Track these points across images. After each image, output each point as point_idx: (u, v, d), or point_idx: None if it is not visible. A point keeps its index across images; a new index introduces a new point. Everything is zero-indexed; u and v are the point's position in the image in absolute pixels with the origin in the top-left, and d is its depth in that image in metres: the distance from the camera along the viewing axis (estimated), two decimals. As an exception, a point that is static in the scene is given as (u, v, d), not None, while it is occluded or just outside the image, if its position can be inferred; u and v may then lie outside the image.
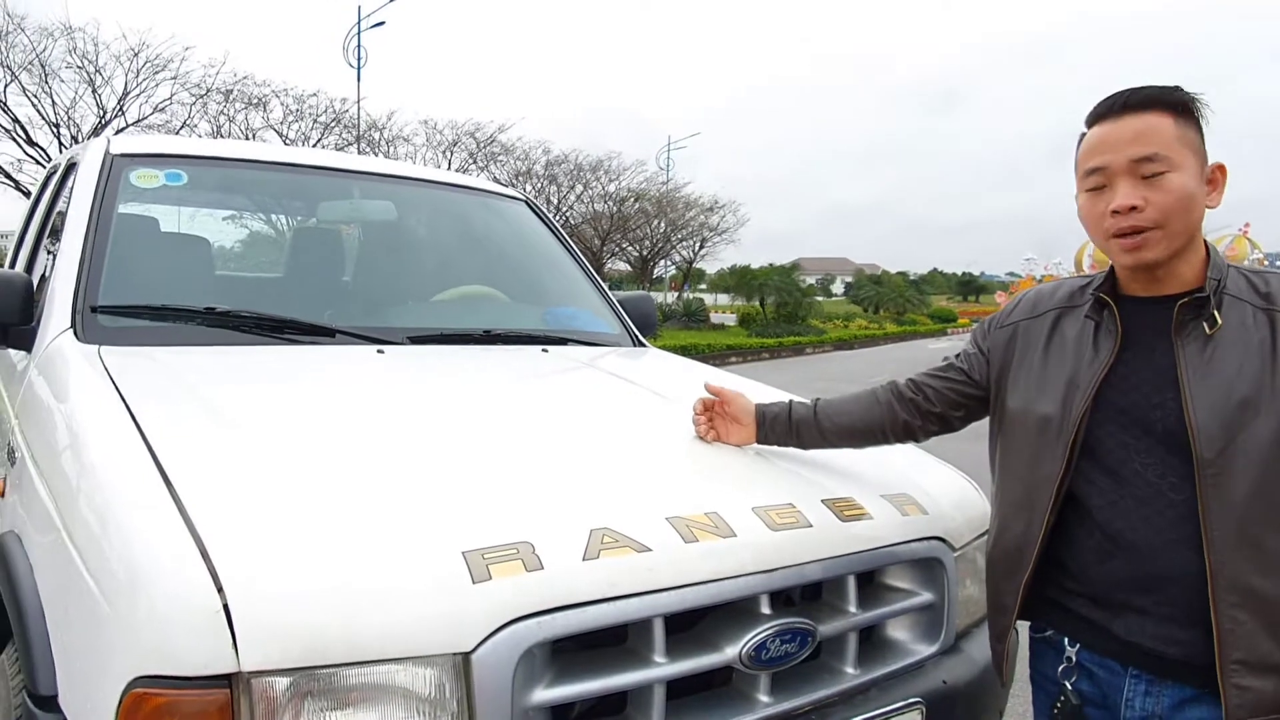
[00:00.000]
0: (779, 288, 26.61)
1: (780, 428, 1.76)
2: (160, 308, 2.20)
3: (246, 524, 1.23)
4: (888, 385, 1.69)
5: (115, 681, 1.10)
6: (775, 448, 1.79)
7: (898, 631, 1.73)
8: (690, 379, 2.52)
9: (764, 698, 1.44)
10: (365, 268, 2.94)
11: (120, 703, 1.08)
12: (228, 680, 1.07)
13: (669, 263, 34.89)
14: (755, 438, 1.79)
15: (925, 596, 1.69)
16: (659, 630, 1.32)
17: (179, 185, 2.58)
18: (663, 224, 30.52)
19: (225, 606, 1.09)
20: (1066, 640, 1.42)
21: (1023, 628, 1.53)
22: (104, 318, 2.12)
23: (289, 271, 3.11)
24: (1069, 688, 1.41)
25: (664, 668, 1.32)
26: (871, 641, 1.68)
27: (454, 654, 1.16)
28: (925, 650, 1.69)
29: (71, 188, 2.55)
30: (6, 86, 15.83)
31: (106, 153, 2.54)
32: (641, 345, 2.99)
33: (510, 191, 3.44)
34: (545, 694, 1.23)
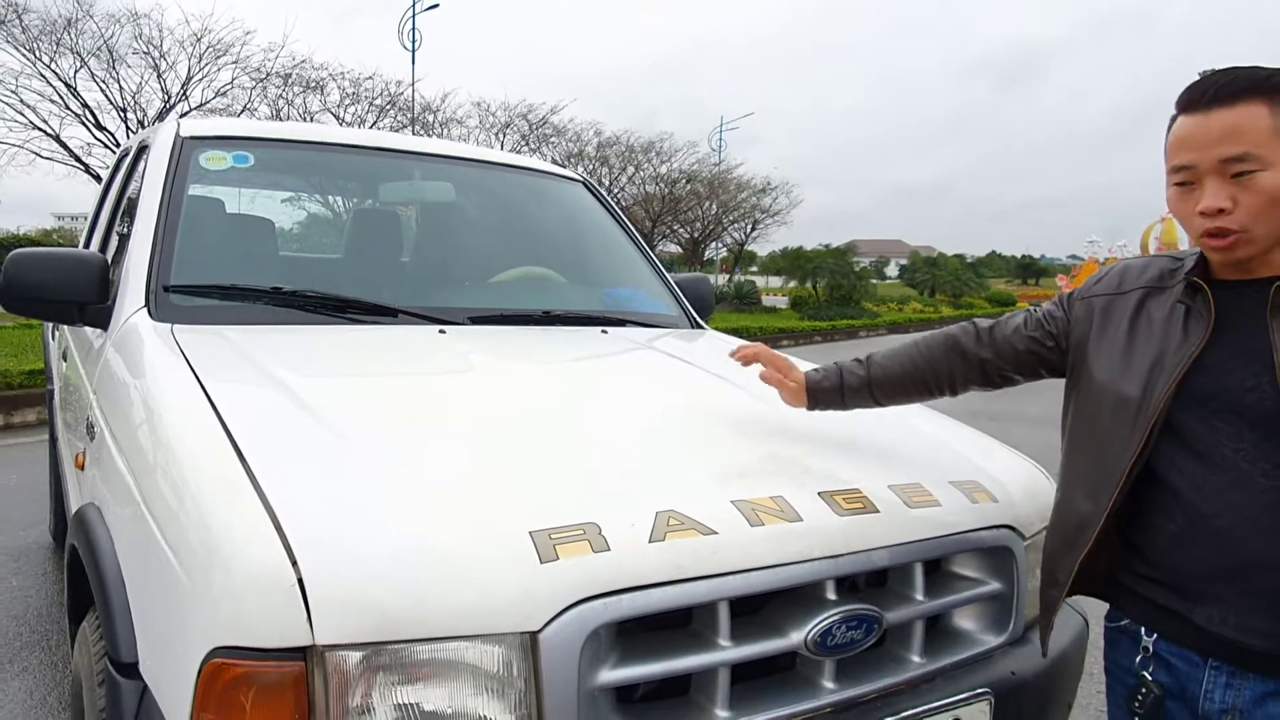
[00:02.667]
0: (832, 270, 26.28)
1: (829, 398, 1.76)
2: (229, 287, 2.24)
3: (320, 500, 1.25)
4: (951, 339, 1.65)
5: (195, 652, 1.12)
6: (842, 430, 1.77)
7: (964, 621, 1.69)
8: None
9: (829, 684, 1.43)
10: (425, 248, 2.97)
11: (200, 672, 1.11)
12: (302, 653, 1.09)
13: (720, 245, 34.67)
14: (805, 403, 1.78)
15: (994, 586, 1.66)
16: (724, 614, 1.32)
17: (245, 167, 2.63)
18: (714, 205, 30.31)
19: (300, 580, 1.10)
20: (1144, 630, 1.38)
21: (1095, 618, 1.49)
22: (176, 297, 2.17)
23: (349, 252, 3.15)
24: (1149, 678, 1.37)
25: (729, 651, 1.31)
26: (937, 630, 1.65)
27: (521, 633, 1.16)
28: (993, 640, 1.66)
29: (143, 170, 2.61)
30: (76, 73, 16.28)
31: (177, 135, 2.59)
32: (699, 327, 2.98)
33: (568, 172, 3.44)
34: (610, 675, 1.23)
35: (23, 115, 15.96)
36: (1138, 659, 1.39)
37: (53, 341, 3.78)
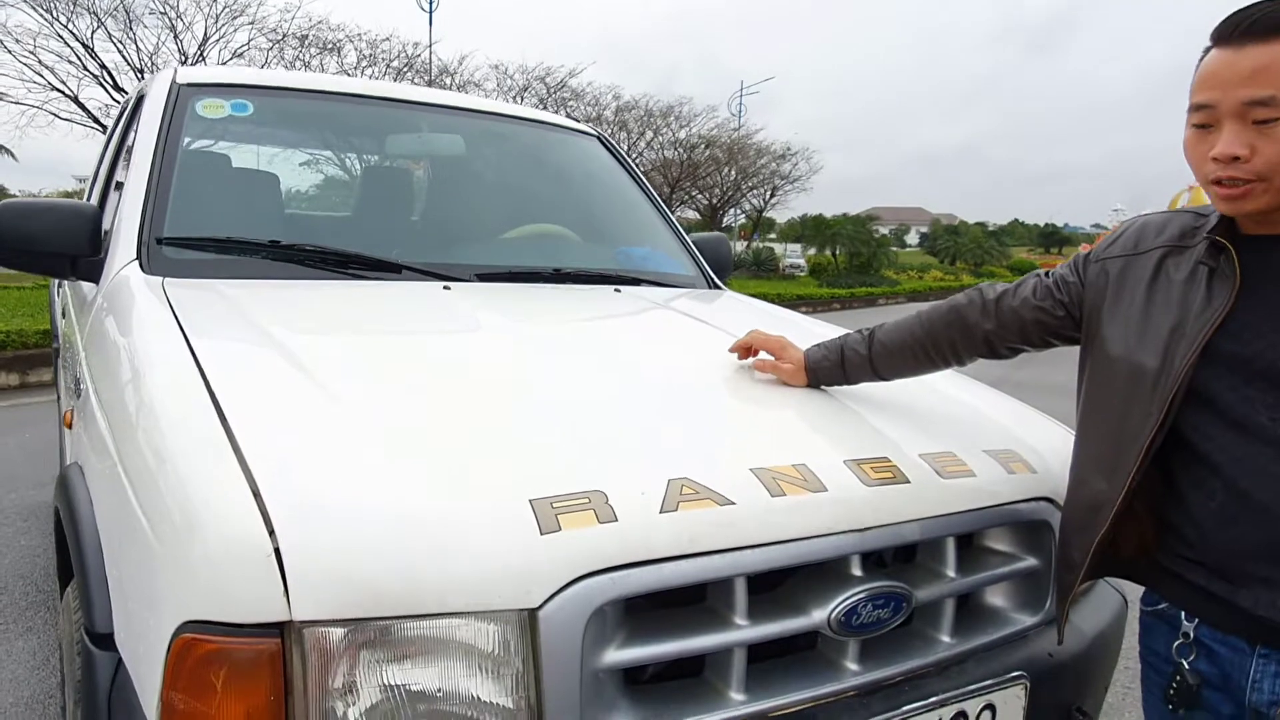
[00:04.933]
0: (852, 237, 26.00)
1: (830, 375, 1.68)
2: (225, 240, 2.14)
3: (304, 466, 1.15)
4: (954, 311, 1.54)
5: (166, 625, 1.03)
6: (870, 396, 1.66)
7: (997, 599, 1.59)
8: (769, 323, 2.38)
9: (852, 666, 1.33)
10: (432, 204, 2.85)
11: (169, 647, 1.02)
12: (279, 629, 1.00)
13: (738, 211, 34.32)
14: (805, 382, 1.70)
15: (1030, 562, 1.55)
16: (741, 590, 1.21)
17: (245, 115, 2.51)
18: (733, 171, 29.97)
19: (277, 551, 1.01)
20: (1183, 615, 1.27)
21: (1134, 600, 1.38)
22: (169, 250, 2.07)
23: (357, 211, 3.05)
24: (1186, 667, 1.26)
25: (746, 631, 1.21)
26: (968, 609, 1.55)
27: (519, 610, 1.07)
28: (1028, 620, 1.55)
29: (140, 118, 2.50)
30: (93, 33, 16.13)
31: (173, 82, 2.48)
32: (717, 288, 2.86)
33: (582, 126, 3.30)
34: (617, 655, 1.13)
35: (41, 77, 15.89)
36: (1176, 645, 1.28)
37: (57, 299, 3.71)
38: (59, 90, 16.18)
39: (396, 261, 2.21)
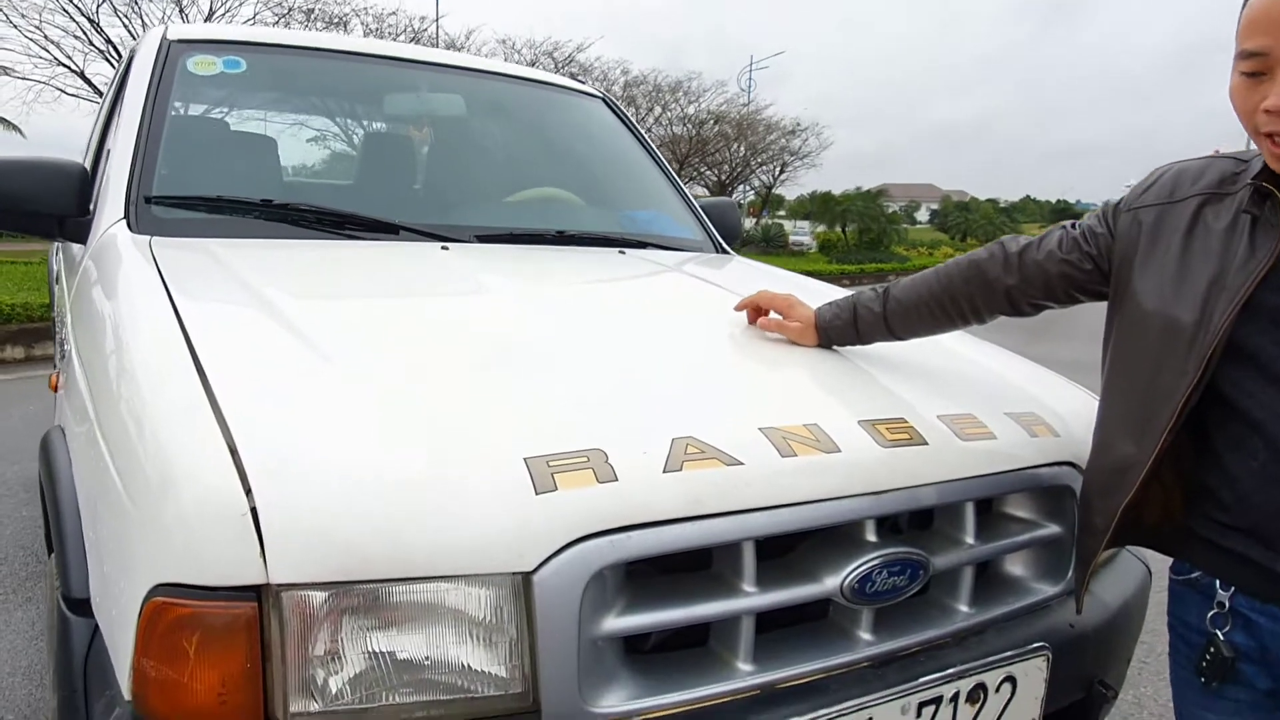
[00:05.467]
0: (862, 213, 25.78)
1: (843, 334, 1.61)
2: (216, 199, 2.07)
3: (286, 424, 1.09)
4: (974, 266, 1.46)
5: (138, 588, 0.97)
6: (886, 356, 1.58)
7: (1016, 568, 1.52)
8: (779, 286, 2.30)
9: (866, 635, 1.26)
10: (431, 165, 2.76)
11: (141, 611, 0.96)
12: (255, 593, 0.93)
13: (747, 188, 34.05)
14: (815, 342, 1.63)
15: (1052, 529, 1.48)
16: (749, 555, 1.15)
17: (237, 73, 2.43)
18: (742, 148, 29.70)
19: (253, 511, 0.94)
20: (1218, 583, 1.20)
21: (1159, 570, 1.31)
22: (158, 209, 2.00)
23: (353, 172, 2.97)
24: (1220, 638, 1.19)
25: (754, 598, 1.15)
26: (987, 578, 1.48)
27: (513, 574, 1.00)
28: (1049, 590, 1.48)
29: (130, 76, 2.43)
30: (99, 7, 15.99)
31: (163, 38, 2.40)
32: (725, 253, 2.78)
33: (587, 88, 3.21)
34: (617, 622, 1.07)
35: (47, 51, 15.78)
36: (1210, 615, 1.21)
37: (54, 265, 3.65)
38: (65, 65, 16.09)
39: (393, 221, 2.14)
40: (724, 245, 2.83)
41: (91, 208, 2.10)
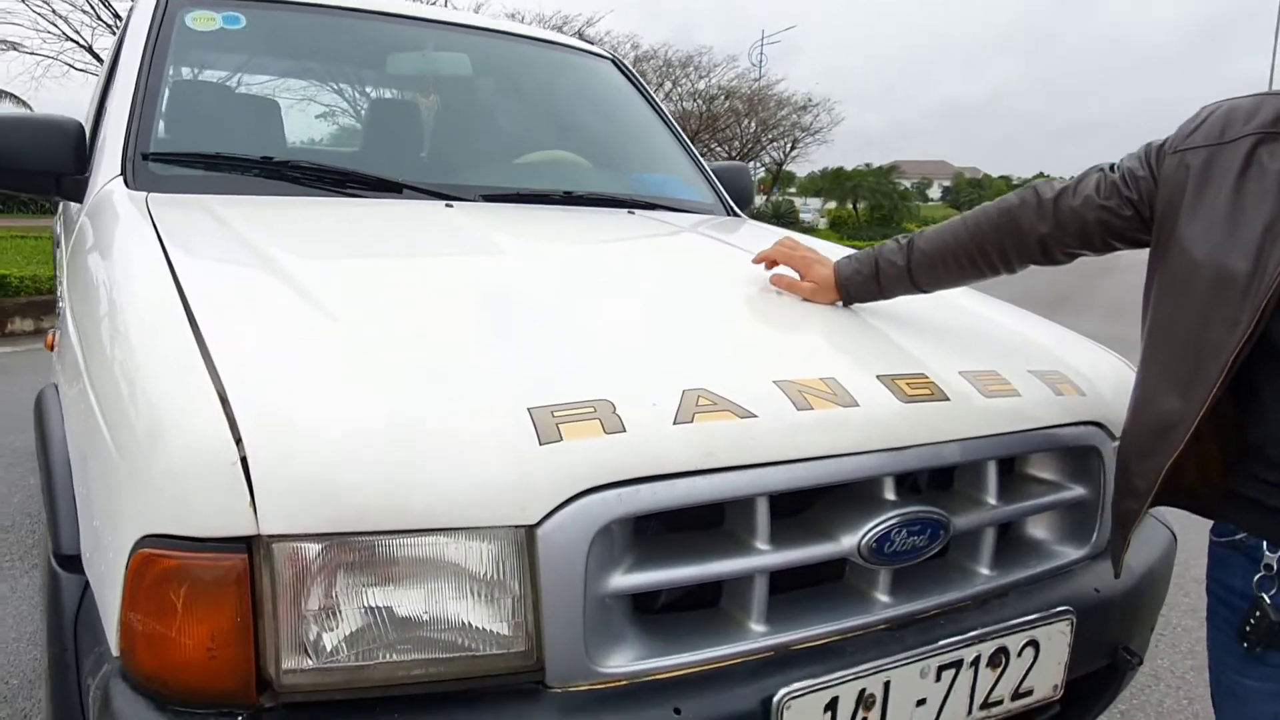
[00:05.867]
0: (874, 189, 25.56)
1: (865, 290, 1.54)
2: (214, 156, 2.02)
3: (279, 374, 1.04)
4: (1005, 212, 1.39)
5: (125, 540, 0.93)
6: (907, 313, 1.53)
7: (1039, 530, 1.47)
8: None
9: (883, 597, 1.21)
10: (437, 126, 2.70)
11: (128, 563, 0.92)
12: (246, 544, 0.89)
13: (758, 165, 33.78)
14: (835, 299, 1.57)
15: (1077, 491, 1.42)
16: (763, 512, 1.10)
17: (237, 29, 2.37)
18: (753, 124, 29.40)
19: (244, 460, 0.90)
20: (1265, 545, 1.14)
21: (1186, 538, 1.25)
22: (156, 165, 1.96)
23: (360, 135, 2.91)
24: (1268, 601, 1.14)
25: (767, 556, 1.10)
26: (1008, 541, 1.43)
27: (515, 527, 0.95)
28: (1073, 553, 1.43)
29: (128, 32, 2.37)
30: (105, -21, 15.89)
31: (162, -7, 2.33)
32: (737, 216, 2.71)
33: (595, 49, 3.14)
34: (624, 580, 1.02)
35: (55, 27, 15.69)
36: (1256, 579, 1.15)
37: (58, 230, 3.61)
38: (73, 40, 16.00)
39: (396, 179, 2.08)
40: (735, 209, 2.76)
41: (89, 166, 2.06)
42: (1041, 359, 1.51)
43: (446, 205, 1.99)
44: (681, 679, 1.03)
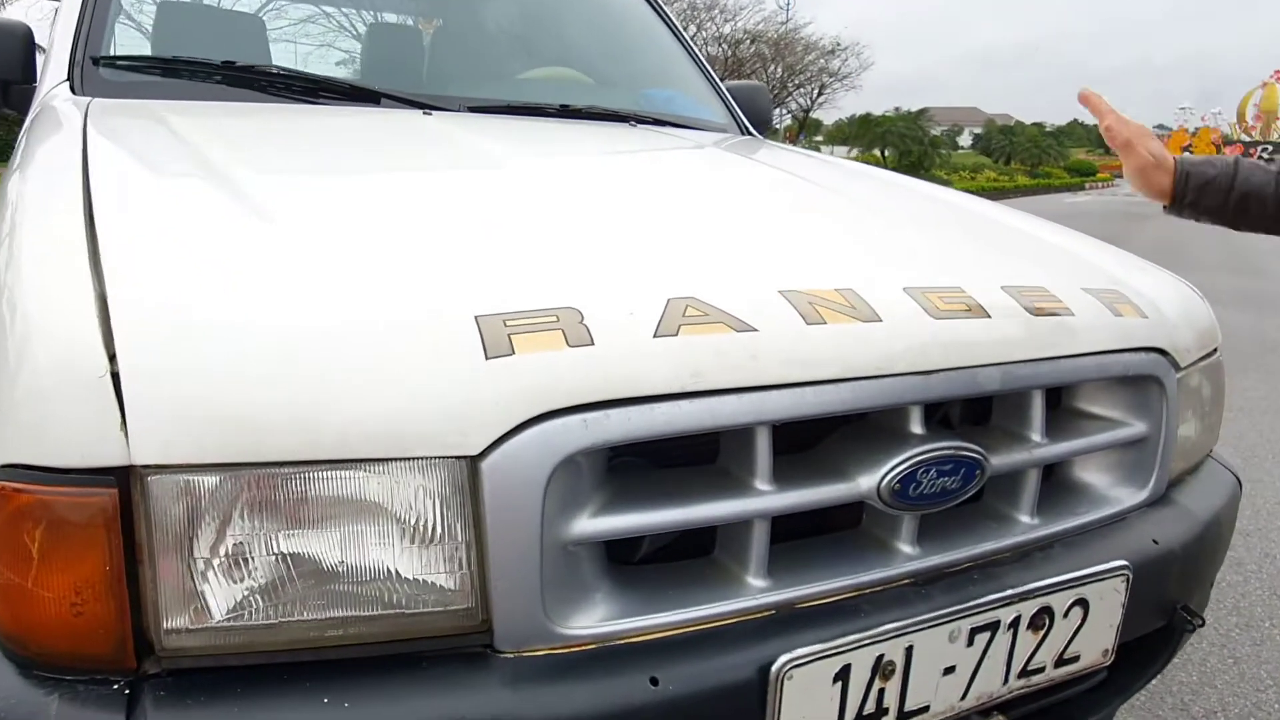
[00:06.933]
0: (903, 135, 24.91)
1: (1210, 195, 1.28)
2: (172, 59, 1.83)
3: (179, 273, 0.86)
4: None
5: (-16, 472, 0.76)
6: (940, 223, 1.32)
7: (1090, 473, 1.27)
8: (813, 163, 2.03)
9: (907, 548, 1.03)
10: (433, 41, 2.49)
11: (-16, 500, 0.75)
12: (117, 477, 0.72)
13: (784, 111, 33.06)
14: (1170, 194, 1.32)
15: (1136, 427, 1.22)
16: (764, 444, 0.91)
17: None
18: (779, 69, 28.73)
19: (114, 374, 0.73)
20: None
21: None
22: (107, 71, 1.77)
23: (351, 57, 2.71)
24: None
25: (769, 498, 0.92)
26: (1053, 485, 1.24)
27: (455, 458, 0.78)
28: (1128, 500, 1.24)
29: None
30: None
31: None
32: (753, 136, 2.49)
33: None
34: (592, 524, 0.85)
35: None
36: None
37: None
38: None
39: (373, 88, 1.89)
40: (751, 130, 2.54)
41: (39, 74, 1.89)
42: (1097, 277, 1.30)
43: (425, 113, 1.80)
44: (661, 642, 0.86)
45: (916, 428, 1.01)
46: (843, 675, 0.90)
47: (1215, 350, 1.41)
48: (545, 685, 0.80)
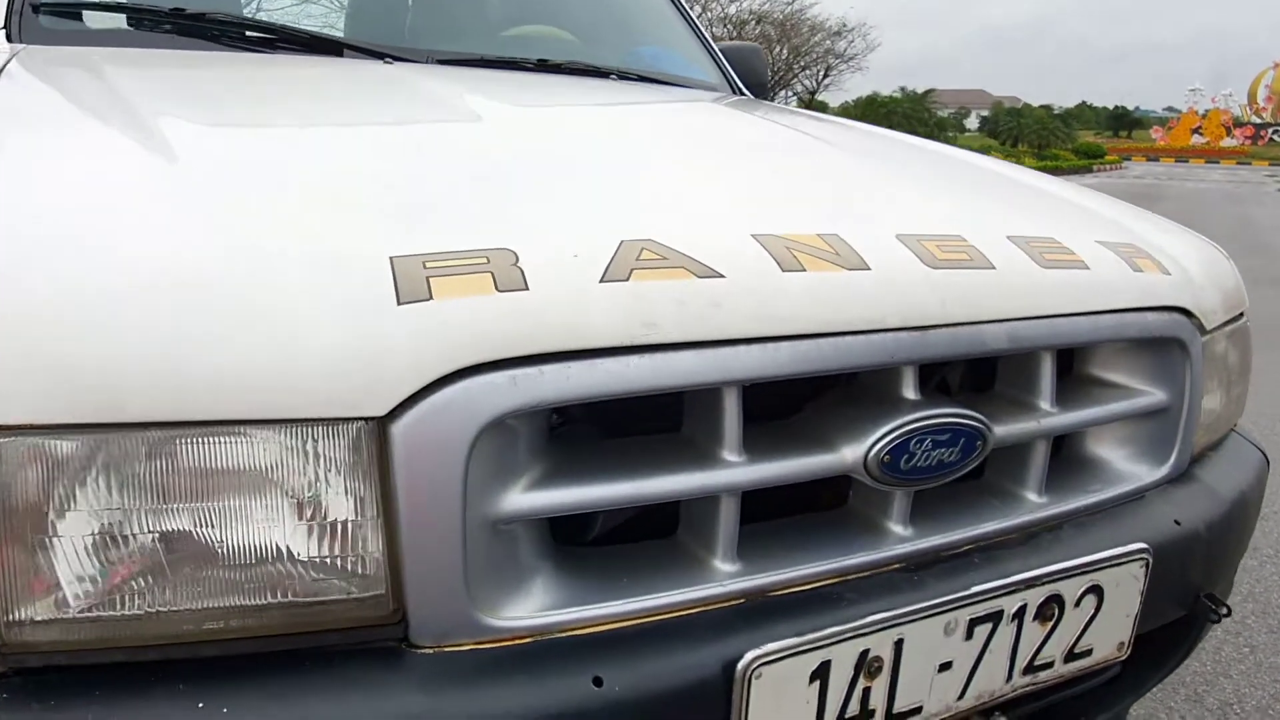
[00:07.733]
0: (908, 115, 24.69)
1: None
2: (115, 5, 1.71)
3: (49, 213, 0.74)
4: None
5: None
6: (945, 175, 1.20)
7: (1104, 447, 1.15)
8: (806, 117, 1.90)
9: (898, 528, 0.91)
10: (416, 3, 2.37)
11: None
12: (-54, 440, 0.60)
13: (789, 94, 32.77)
14: None
15: (1155, 395, 1.10)
16: (732, 408, 0.79)
17: None
18: (785, 50, 28.45)
19: (-52, 317, 0.61)
20: None
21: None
22: (47, 19, 1.65)
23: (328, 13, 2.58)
24: None
25: (738, 469, 0.79)
26: (1064, 459, 1.12)
27: (359, 419, 0.66)
28: (1147, 476, 1.11)
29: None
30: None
31: None
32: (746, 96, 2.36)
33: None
34: (527, 499, 0.72)
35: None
36: None
37: None
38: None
39: (334, 37, 1.76)
40: (745, 92, 2.40)
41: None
42: (1114, 231, 1.18)
43: (385, 62, 1.67)
44: (609, 636, 0.74)
45: (910, 392, 0.88)
46: (821, 673, 0.79)
47: (1242, 315, 1.29)
48: (468, 686, 0.68)
